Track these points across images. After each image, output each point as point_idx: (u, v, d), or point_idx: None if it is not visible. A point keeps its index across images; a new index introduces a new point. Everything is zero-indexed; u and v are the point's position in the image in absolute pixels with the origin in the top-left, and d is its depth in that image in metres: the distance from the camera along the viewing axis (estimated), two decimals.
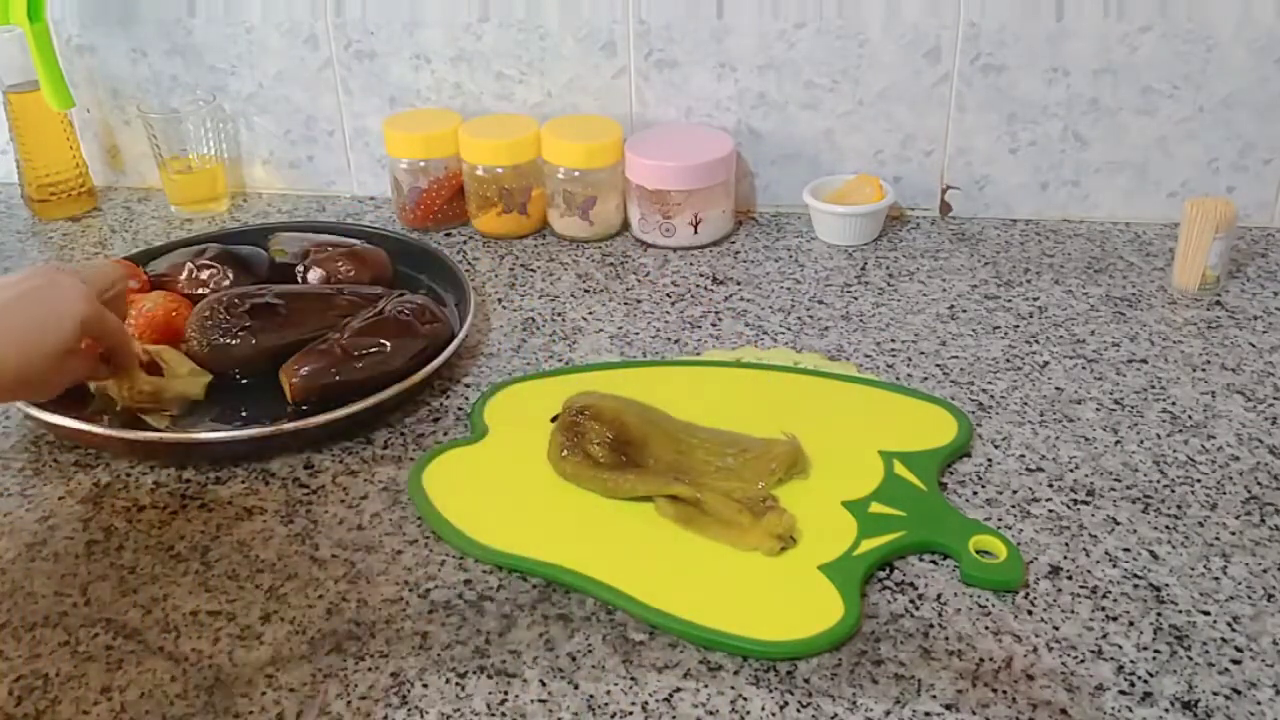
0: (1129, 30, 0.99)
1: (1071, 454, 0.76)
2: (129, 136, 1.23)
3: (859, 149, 1.09)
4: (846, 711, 0.58)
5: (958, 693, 0.59)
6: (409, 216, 1.12)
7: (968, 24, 1.01)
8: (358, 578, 0.68)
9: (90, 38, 1.18)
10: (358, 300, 0.89)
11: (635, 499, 0.72)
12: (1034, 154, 1.06)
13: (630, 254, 1.06)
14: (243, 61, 1.16)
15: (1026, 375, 0.85)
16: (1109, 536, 0.69)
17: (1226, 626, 0.62)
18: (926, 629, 0.63)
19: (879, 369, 0.87)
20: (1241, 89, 1.00)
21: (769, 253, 1.05)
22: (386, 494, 0.75)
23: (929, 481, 0.73)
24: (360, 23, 1.12)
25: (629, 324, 0.94)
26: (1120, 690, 0.59)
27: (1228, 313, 0.92)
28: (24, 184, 1.19)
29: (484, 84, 1.13)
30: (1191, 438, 0.78)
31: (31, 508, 0.75)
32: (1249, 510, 0.71)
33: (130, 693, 0.61)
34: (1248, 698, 0.58)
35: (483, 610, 0.66)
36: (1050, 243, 1.05)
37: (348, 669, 0.62)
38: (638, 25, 1.07)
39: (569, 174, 1.06)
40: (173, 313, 0.89)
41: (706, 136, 1.07)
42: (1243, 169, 1.03)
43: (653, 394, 0.80)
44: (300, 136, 1.19)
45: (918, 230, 1.08)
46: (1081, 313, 0.93)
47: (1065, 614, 0.64)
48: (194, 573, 0.69)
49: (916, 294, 0.97)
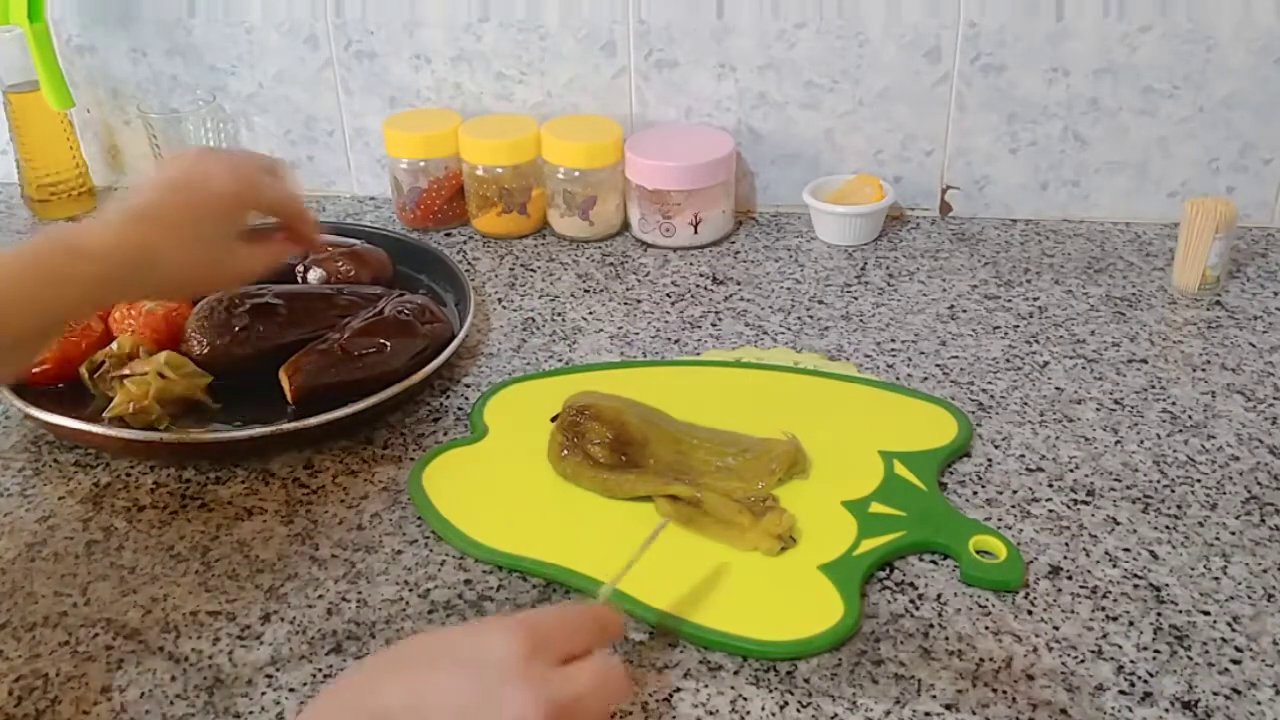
0: (1129, 30, 0.99)
1: (1071, 454, 0.76)
2: (129, 136, 1.23)
3: (859, 149, 1.09)
4: (846, 711, 0.58)
5: (958, 693, 0.59)
6: (409, 216, 1.12)
7: (968, 24, 1.01)
8: (358, 578, 0.68)
9: (90, 38, 1.18)
10: (358, 300, 0.89)
11: (635, 499, 0.72)
12: (1034, 154, 1.06)
13: (630, 254, 1.06)
14: (243, 61, 1.16)
15: (1026, 375, 0.85)
16: (1109, 536, 0.69)
17: (1226, 626, 0.62)
18: (926, 629, 0.63)
19: (879, 369, 0.87)
20: (1241, 89, 1.00)
21: (769, 253, 1.05)
22: (386, 494, 0.75)
23: (929, 481, 0.73)
24: (360, 23, 1.12)
25: (629, 324, 0.94)
26: (1120, 690, 0.59)
27: (1228, 313, 0.92)
28: (24, 184, 1.19)
29: (484, 84, 1.13)
30: (1191, 438, 0.78)
31: (31, 508, 0.75)
32: (1249, 510, 0.71)
33: (130, 693, 0.61)
34: (1248, 698, 0.58)
35: (483, 610, 0.66)
36: (1050, 243, 1.05)
37: (348, 669, 0.62)
38: (638, 25, 1.07)
39: (569, 174, 1.06)
40: (173, 312, 0.89)
41: (706, 136, 1.07)
42: (1243, 169, 1.03)
43: (653, 394, 0.80)
44: (300, 136, 1.19)
45: (918, 230, 1.08)
46: (1081, 313, 0.93)
47: (1065, 614, 0.64)
48: (194, 573, 0.69)
49: (916, 294, 0.97)
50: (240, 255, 0.69)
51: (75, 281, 0.62)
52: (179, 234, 0.65)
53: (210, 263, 0.66)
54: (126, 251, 0.64)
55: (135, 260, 0.64)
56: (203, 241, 0.66)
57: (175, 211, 0.66)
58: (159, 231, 0.65)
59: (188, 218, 0.66)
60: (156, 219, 0.65)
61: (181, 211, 0.66)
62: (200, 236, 0.65)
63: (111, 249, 0.64)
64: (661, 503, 0.71)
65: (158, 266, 0.65)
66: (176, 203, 0.66)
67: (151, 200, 0.66)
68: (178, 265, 0.65)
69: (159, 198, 0.66)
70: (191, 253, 0.65)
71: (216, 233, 0.66)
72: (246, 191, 0.68)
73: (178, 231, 0.65)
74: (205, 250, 0.66)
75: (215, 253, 0.66)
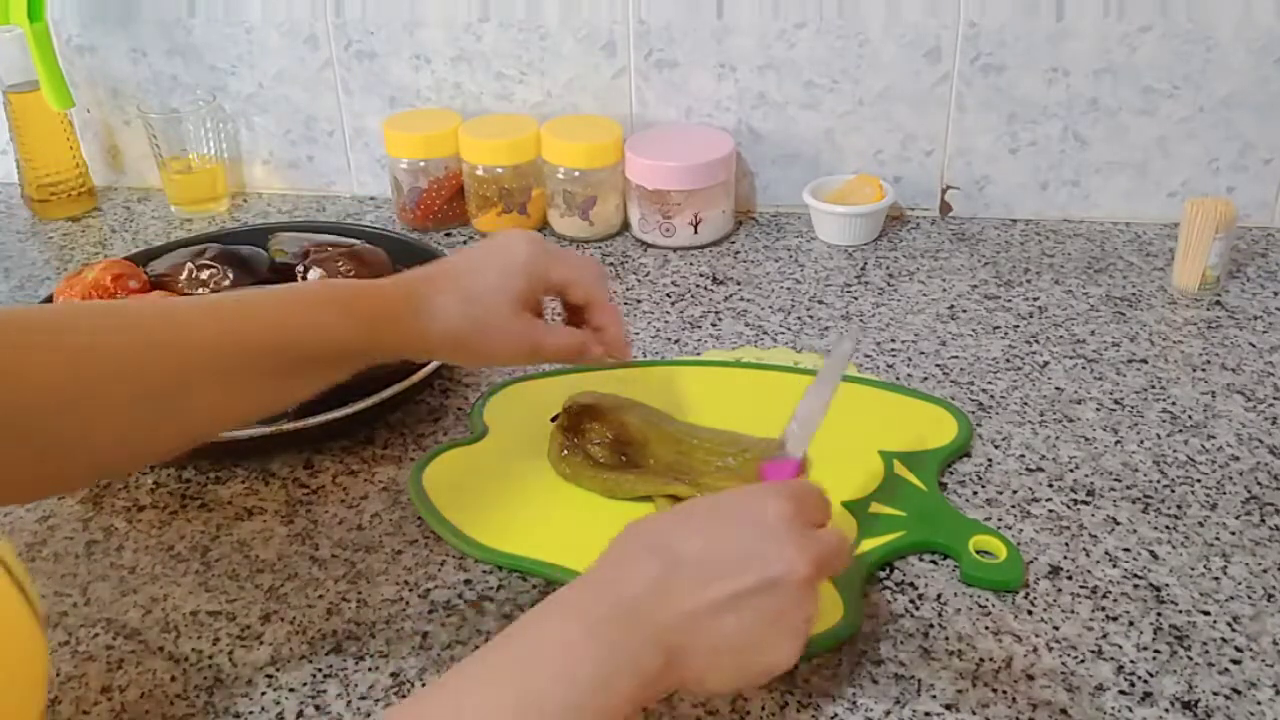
0: (1129, 30, 0.99)
1: (1071, 454, 0.76)
2: (129, 136, 1.23)
3: (859, 149, 1.09)
4: (846, 711, 0.58)
5: (958, 693, 0.59)
6: (409, 216, 1.12)
7: (968, 24, 1.01)
8: (358, 578, 0.68)
9: (90, 38, 1.18)
10: None
11: (635, 499, 0.72)
12: (1034, 154, 1.06)
13: (630, 254, 1.06)
14: (243, 61, 1.16)
15: (1026, 375, 0.85)
16: (1109, 536, 0.69)
17: (1226, 626, 0.62)
18: (926, 629, 0.63)
19: (879, 369, 0.87)
20: (1241, 89, 1.00)
21: (769, 253, 1.05)
22: (386, 494, 0.75)
23: (929, 481, 0.73)
24: (360, 23, 1.12)
25: (629, 324, 0.94)
26: (1120, 690, 0.59)
27: (1228, 313, 0.92)
28: (24, 184, 1.19)
29: (484, 84, 1.13)
30: (1191, 438, 0.78)
31: (31, 508, 0.75)
32: (1249, 510, 0.71)
33: (130, 693, 0.61)
34: (1248, 698, 0.58)
35: (483, 610, 0.66)
36: (1050, 243, 1.05)
37: (348, 669, 0.62)
38: (638, 25, 1.07)
39: (569, 174, 1.06)
40: None
41: (706, 136, 1.07)
42: (1243, 169, 1.03)
43: (652, 394, 0.80)
44: (300, 136, 1.19)
45: (918, 230, 1.08)
46: (1081, 313, 0.93)
47: (1065, 614, 0.64)
48: (194, 573, 0.69)
49: (916, 294, 0.97)
50: (525, 327, 0.65)
51: (341, 309, 0.61)
52: (456, 284, 0.63)
53: (484, 324, 0.63)
54: (399, 289, 0.63)
55: (405, 301, 0.62)
56: (480, 301, 0.63)
57: (462, 265, 0.64)
58: (437, 281, 0.63)
59: (468, 269, 0.64)
60: (440, 271, 0.64)
61: (468, 264, 0.64)
62: (478, 293, 0.63)
63: (385, 286, 0.63)
64: (662, 503, 0.71)
65: (430, 312, 0.63)
66: (466, 257, 0.65)
67: (444, 260, 0.66)
68: (448, 316, 0.62)
69: (454, 253, 0.66)
70: (464, 308, 0.63)
71: (500, 291, 0.63)
72: (540, 257, 0.65)
73: (456, 282, 0.63)
74: (483, 309, 0.63)
75: (493, 317, 0.63)
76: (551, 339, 0.67)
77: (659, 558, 0.51)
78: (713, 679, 0.51)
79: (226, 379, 0.58)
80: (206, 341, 0.57)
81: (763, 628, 0.51)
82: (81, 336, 0.54)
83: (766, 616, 0.51)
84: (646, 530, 0.53)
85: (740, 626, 0.50)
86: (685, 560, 0.51)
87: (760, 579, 0.50)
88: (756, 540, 0.51)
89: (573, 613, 0.50)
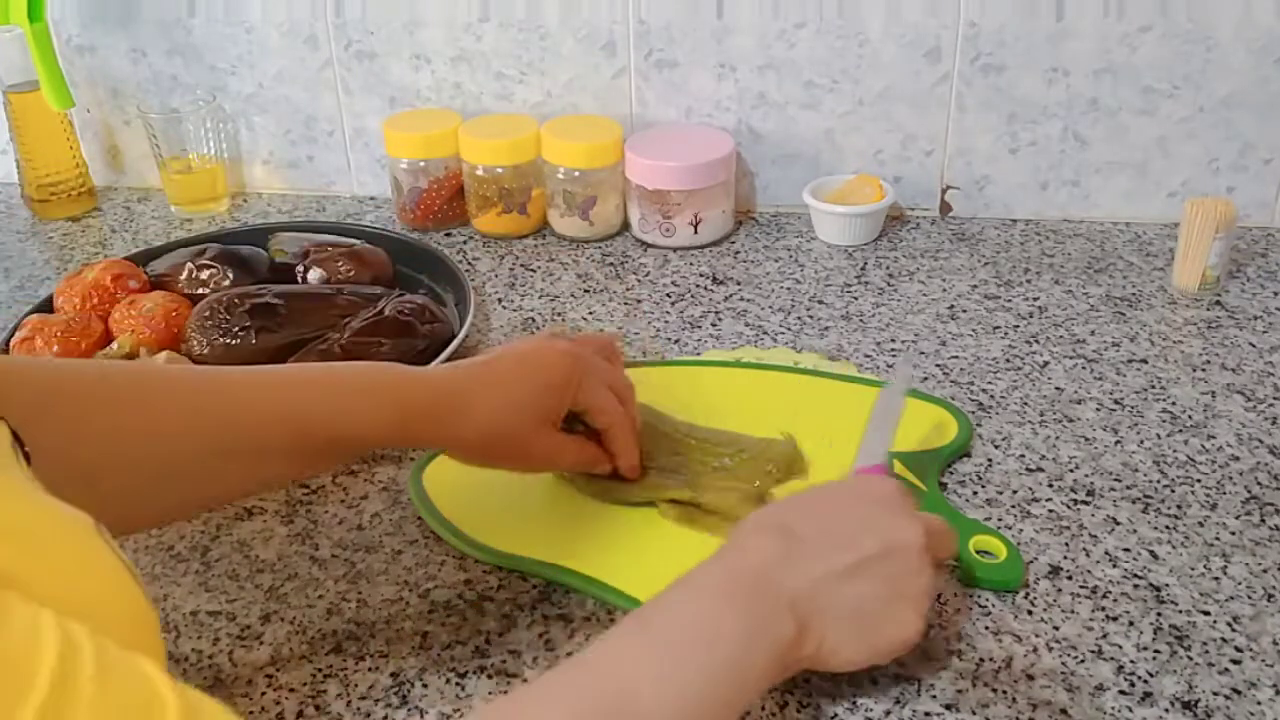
0: (1129, 30, 0.99)
1: (1071, 454, 0.76)
2: (129, 136, 1.23)
3: (859, 149, 1.09)
4: (846, 711, 0.58)
5: (958, 693, 0.59)
6: (409, 216, 1.12)
7: (968, 24, 1.01)
8: (358, 578, 0.68)
9: (90, 38, 1.18)
10: (358, 300, 0.89)
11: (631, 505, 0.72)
12: (1034, 154, 1.06)
13: (630, 254, 1.06)
14: (243, 61, 1.16)
15: (1026, 375, 0.85)
16: (1109, 536, 0.69)
17: (1226, 626, 0.62)
18: (926, 629, 0.63)
19: (879, 369, 0.87)
20: (1241, 89, 1.00)
21: (769, 253, 1.05)
22: (386, 494, 0.75)
23: (929, 481, 0.73)
24: (360, 23, 1.12)
25: (629, 324, 0.94)
26: (1120, 690, 0.59)
27: (1228, 313, 0.92)
28: (24, 184, 1.19)
29: (484, 84, 1.13)
30: (1191, 438, 0.78)
31: None
32: (1249, 510, 0.71)
33: None
34: (1248, 698, 0.58)
35: (483, 610, 0.66)
36: (1050, 243, 1.05)
37: (348, 669, 0.62)
38: (638, 25, 1.07)
39: (569, 174, 1.06)
40: (173, 313, 0.89)
41: (706, 136, 1.07)
42: (1243, 169, 1.03)
43: (652, 394, 0.80)
44: (300, 136, 1.19)
45: (918, 230, 1.08)
46: (1081, 313, 0.93)
47: (1065, 614, 0.64)
48: (194, 573, 0.69)
49: (916, 294, 0.97)
50: (549, 441, 0.67)
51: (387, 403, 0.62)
52: (498, 392, 0.65)
53: (516, 436, 0.65)
54: (446, 384, 0.64)
55: (448, 398, 0.64)
56: (518, 411, 0.65)
57: (504, 372, 0.66)
58: (480, 384, 0.65)
59: (513, 378, 0.65)
60: (484, 373, 0.66)
61: (510, 373, 0.66)
62: (517, 404, 0.65)
63: (433, 380, 0.64)
64: (664, 507, 0.71)
65: (468, 415, 0.64)
66: (508, 365, 0.66)
67: (489, 358, 0.67)
68: (485, 422, 0.64)
69: (495, 357, 0.67)
70: (501, 415, 0.64)
71: (536, 407, 0.65)
72: (575, 379, 0.67)
73: (499, 390, 0.65)
74: (518, 420, 0.65)
75: (524, 429, 0.65)
76: (569, 457, 0.70)
77: (780, 535, 0.54)
78: (844, 650, 0.54)
79: (261, 456, 0.60)
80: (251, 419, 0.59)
81: (886, 595, 0.54)
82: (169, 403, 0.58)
83: (889, 584, 0.54)
84: (763, 515, 0.57)
85: (865, 594, 0.53)
86: (805, 536, 0.54)
87: (880, 545, 0.54)
88: (870, 514, 0.56)
89: (704, 590, 0.52)
